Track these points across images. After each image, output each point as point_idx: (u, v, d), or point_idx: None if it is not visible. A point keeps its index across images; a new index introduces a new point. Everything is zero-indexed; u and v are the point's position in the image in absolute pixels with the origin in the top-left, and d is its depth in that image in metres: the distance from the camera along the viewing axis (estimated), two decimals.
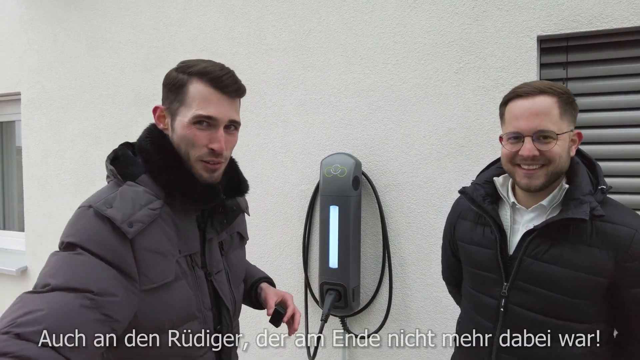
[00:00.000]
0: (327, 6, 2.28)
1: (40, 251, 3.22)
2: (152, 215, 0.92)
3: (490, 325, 1.15)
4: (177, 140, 1.00)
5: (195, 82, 0.98)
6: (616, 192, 1.84)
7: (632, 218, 1.05)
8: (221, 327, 1.07)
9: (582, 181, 1.07)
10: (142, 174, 0.98)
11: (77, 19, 3.01)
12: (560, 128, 1.05)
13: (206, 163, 0.99)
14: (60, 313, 0.75)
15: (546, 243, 1.07)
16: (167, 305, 0.93)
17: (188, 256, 0.99)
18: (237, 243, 1.20)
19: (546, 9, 1.85)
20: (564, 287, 1.04)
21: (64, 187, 3.10)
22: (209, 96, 0.97)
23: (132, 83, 2.83)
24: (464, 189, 1.23)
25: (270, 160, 2.42)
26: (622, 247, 1.00)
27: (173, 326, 0.94)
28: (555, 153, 1.04)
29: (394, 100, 2.15)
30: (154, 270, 0.90)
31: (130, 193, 0.93)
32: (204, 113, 0.96)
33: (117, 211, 0.88)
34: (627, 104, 1.82)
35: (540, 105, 1.05)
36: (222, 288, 1.08)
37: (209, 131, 0.98)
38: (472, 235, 1.22)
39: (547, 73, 1.93)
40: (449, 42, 2.03)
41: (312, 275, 2.36)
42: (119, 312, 0.83)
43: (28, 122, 3.23)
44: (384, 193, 2.19)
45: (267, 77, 2.43)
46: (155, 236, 0.92)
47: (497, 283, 1.14)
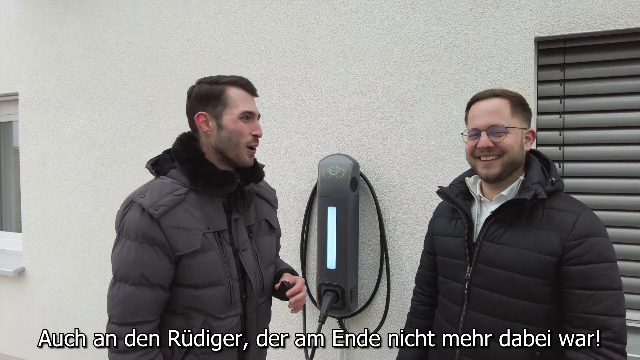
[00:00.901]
0: (325, 7, 2.29)
1: (38, 252, 3.21)
2: (176, 200, 1.19)
3: (458, 308, 1.29)
4: (225, 135, 1.25)
5: (232, 88, 1.27)
6: (612, 194, 1.85)
7: (577, 206, 1.18)
8: (246, 296, 1.31)
9: (533, 173, 1.23)
10: (172, 169, 1.26)
11: (75, 19, 3.01)
12: (511, 124, 1.22)
13: (250, 149, 1.29)
14: (125, 301, 1.15)
15: (503, 228, 1.21)
16: (196, 268, 1.19)
17: (216, 232, 1.24)
18: (266, 230, 1.43)
19: (544, 10, 1.86)
20: (515, 266, 1.17)
21: (62, 188, 3.09)
22: (246, 97, 1.28)
23: (130, 84, 2.83)
24: (441, 188, 1.40)
25: (268, 161, 2.42)
26: (566, 228, 1.14)
27: (200, 286, 1.20)
28: (507, 144, 1.21)
29: (392, 101, 2.15)
30: (181, 242, 1.17)
31: (158, 185, 1.22)
32: (248, 109, 1.27)
33: (146, 199, 1.17)
34: (624, 105, 1.83)
35: (493, 105, 1.23)
36: (247, 263, 1.31)
37: (249, 123, 1.28)
38: (446, 229, 1.38)
39: (545, 74, 1.93)
40: (447, 43, 2.04)
41: (310, 276, 2.36)
42: (162, 278, 1.16)
43: (26, 123, 3.22)
44: (381, 194, 2.19)
45: (265, 78, 2.43)
46: (181, 215, 1.19)
47: (463, 268, 1.29)
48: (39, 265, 3.22)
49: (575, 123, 1.90)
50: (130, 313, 1.14)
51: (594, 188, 1.88)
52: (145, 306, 1.15)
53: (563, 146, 1.92)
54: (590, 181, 1.88)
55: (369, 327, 2.24)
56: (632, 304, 1.83)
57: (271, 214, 1.47)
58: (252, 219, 1.37)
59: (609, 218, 1.84)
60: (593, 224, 1.14)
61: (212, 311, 1.22)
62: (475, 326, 1.23)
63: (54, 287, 3.16)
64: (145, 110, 2.76)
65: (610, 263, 1.12)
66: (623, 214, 1.84)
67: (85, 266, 3.04)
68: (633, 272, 1.83)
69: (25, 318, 3.30)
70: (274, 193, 1.53)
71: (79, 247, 3.04)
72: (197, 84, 1.30)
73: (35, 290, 3.24)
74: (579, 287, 1.11)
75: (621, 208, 1.84)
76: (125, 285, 1.15)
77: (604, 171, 1.87)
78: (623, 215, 1.84)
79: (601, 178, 1.87)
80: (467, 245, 1.28)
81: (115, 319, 1.15)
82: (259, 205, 1.42)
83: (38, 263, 3.22)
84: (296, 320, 2.38)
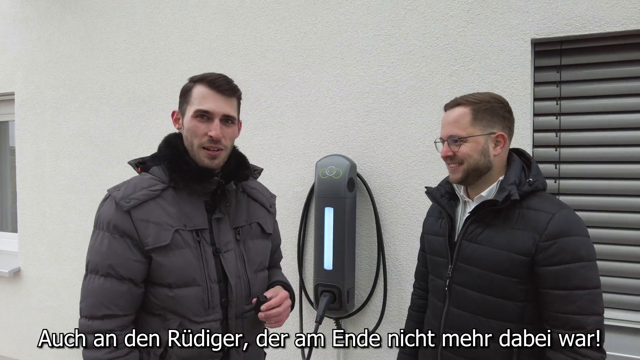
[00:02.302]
0: (322, 8, 2.29)
1: (34, 252, 3.20)
2: (150, 195, 1.18)
3: (440, 304, 1.33)
4: (185, 133, 1.23)
5: (198, 86, 1.22)
6: (609, 195, 1.86)
7: (554, 206, 1.18)
8: (227, 300, 1.24)
9: (511, 174, 1.24)
10: (154, 166, 1.25)
11: (72, 19, 3.00)
12: (470, 132, 1.23)
13: (207, 150, 1.21)
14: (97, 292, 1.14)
15: (481, 227, 1.24)
16: (166, 266, 1.16)
17: (194, 231, 1.21)
18: (257, 233, 1.37)
19: (540, 12, 1.87)
20: (489, 265, 1.20)
21: (58, 188, 3.08)
22: (207, 95, 1.21)
23: (127, 84, 2.82)
24: (428, 189, 1.43)
25: (265, 161, 2.42)
26: (539, 228, 1.15)
27: (174, 285, 1.17)
28: (463, 153, 1.24)
29: (389, 102, 2.15)
30: (150, 235, 1.15)
31: (135, 180, 1.22)
32: (202, 107, 1.20)
33: (120, 192, 1.18)
34: (620, 107, 1.84)
35: (454, 115, 1.26)
36: (229, 266, 1.25)
37: (208, 123, 1.21)
38: (433, 227, 1.42)
39: (541, 76, 1.94)
40: (444, 44, 2.04)
41: (307, 277, 2.36)
42: (133, 272, 1.15)
43: (22, 123, 3.21)
44: (378, 195, 2.19)
45: (263, 79, 2.43)
46: (153, 210, 1.17)
47: (445, 266, 1.33)
48: (34, 266, 3.20)
49: (571, 124, 1.91)
50: (98, 305, 1.12)
51: (590, 189, 1.88)
52: (114, 300, 1.13)
53: (559, 147, 1.93)
54: (586, 182, 1.89)
55: (367, 328, 2.24)
56: (632, 305, 1.83)
57: (265, 218, 1.41)
58: (241, 220, 1.32)
59: (604, 219, 1.85)
60: (567, 223, 1.14)
61: (188, 313, 1.18)
62: (455, 322, 1.27)
63: (50, 288, 3.15)
64: (142, 111, 2.75)
65: (585, 262, 1.12)
66: (619, 215, 1.84)
67: (81, 267, 3.00)
68: (628, 273, 1.84)
69: (20, 318, 3.29)
70: (272, 199, 1.48)
71: (75, 248, 3.03)
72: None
73: (31, 291, 3.22)
74: (554, 288, 1.13)
75: (617, 209, 1.85)
76: (95, 277, 1.14)
77: (600, 172, 1.87)
78: (619, 216, 1.84)
79: (597, 179, 1.88)
80: (448, 244, 1.32)
81: (85, 312, 1.14)
82: (252, 207, 1.37)
83: (34, 263, 3.21)
84: (293, 321, 2.38)
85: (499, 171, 1.27)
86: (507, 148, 1.29)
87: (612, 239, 1.84)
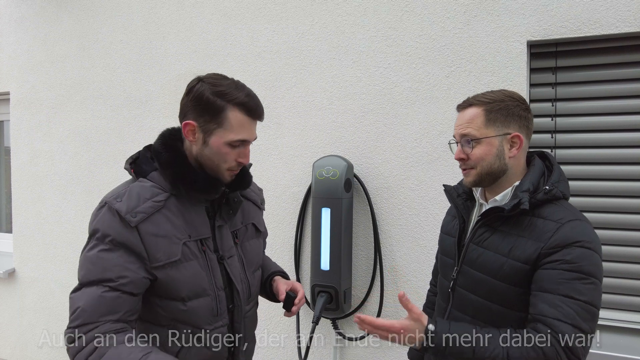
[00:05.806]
0: (320, 9, 2.29)
1: (29, 253, 3.18)
2: (155, 207, 1.11)
3: (444, 305, 1.32)
4: (208, 153, 1.15)
5: (234, 111, 1.13)
6: (604, 196, 1.87)
7: (565, 215, 1.11)
8: (233, 306, 1.24)
9: (526, 180, 1.18)
10: (153, 171, 1.17)
11: (68, 18, 2.99)
12: (484, 133, 1.17)
13: (231, 171, 1.18)
14: (90, 305, 1.03)
15: (489, 232, 1.20)
16: (178, 280, 1.12)
17: (198, 240, 1.17)
18: (252, 233, 1.35)
19: (536, 14, 1.88)
20: (492, 270, 1.16)
21: (54, 188, 3.07)
22: (244, 123, 1.15)
23: (123, 84, 2.81)
24: (446, 187, 1.39)
25: (262, 162, 2.42)
26: (544, 237, 1.09)
27: (186, 298, 1.13)
28: (476, 156, 1.18)
29: (385, 103, 2.16)
30: (160, 251, 1.09)
31: (137, 188, 1.12)
32: (242, 137, 1.15)
33: (123, 204, 1.08)
34: (615, 109, 1.85)
35: (467, 116, 1.20)
36: (234, 271, 1.24)
37: (239, 149, 1.17)
38: (447, 227, 1.40)
39: (537, 77, 1.95)
40: (441, 46, 2.05)
41: (304, 277, 2.36)
42: (134, 287, 1.06)
43: (17, 122, 3.19)
44: (375, 195, 2.20)
45: (260, 79, 2.43)
46: (161, 224, 1.10)
47: (452, 267, 1.31)
48: (29, 267, 3.18)
49: (566, 126, 1.93)
50: (93, 318, 1.02)
51: (586, 190, 1.90)
52: (108, 315, 1.04)
53: (555, 149, 1.94)
54: (582, 183, 1.90)
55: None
56: (632, 306, 1.85)
57: (258, 217, 1.40)
58: (238, 223, 1.30)
59: (600, 220, 1.87)
60: (574, 233, 1.07)
61: (199, 323, 1.16)
62: None
63: (45, 289, 3.13)
64: (139, 111, 2.74)
65: (583, 276, 1.03)
66: (614, 216, 1.86)
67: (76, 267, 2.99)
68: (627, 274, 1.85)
69: (15, 319, 3.26)
70: (261, 193, 1.46)
71: (71, 248, 3.01)
72: (199, 82, 1.15)
73: (26, 292, 3.20)
74: (540, 289, 1.07)
75: (613, 210, 1.86)
76: (90, 289, 1.04)
77: (595, 173, 1.89)
78: (613, 217, 1.86)
79: (593, 180, 1.89)
80: (457, 246, 1.30)
81: (75, 322, 1.03)
82: (246, 208, 1.34)
83: (29, 264, 3.19)
84: (290, 320, 2.38)
85: (516, 174, 1.21)
86: (525, 149, 1.21)
87: (608, 240, 1.85)
